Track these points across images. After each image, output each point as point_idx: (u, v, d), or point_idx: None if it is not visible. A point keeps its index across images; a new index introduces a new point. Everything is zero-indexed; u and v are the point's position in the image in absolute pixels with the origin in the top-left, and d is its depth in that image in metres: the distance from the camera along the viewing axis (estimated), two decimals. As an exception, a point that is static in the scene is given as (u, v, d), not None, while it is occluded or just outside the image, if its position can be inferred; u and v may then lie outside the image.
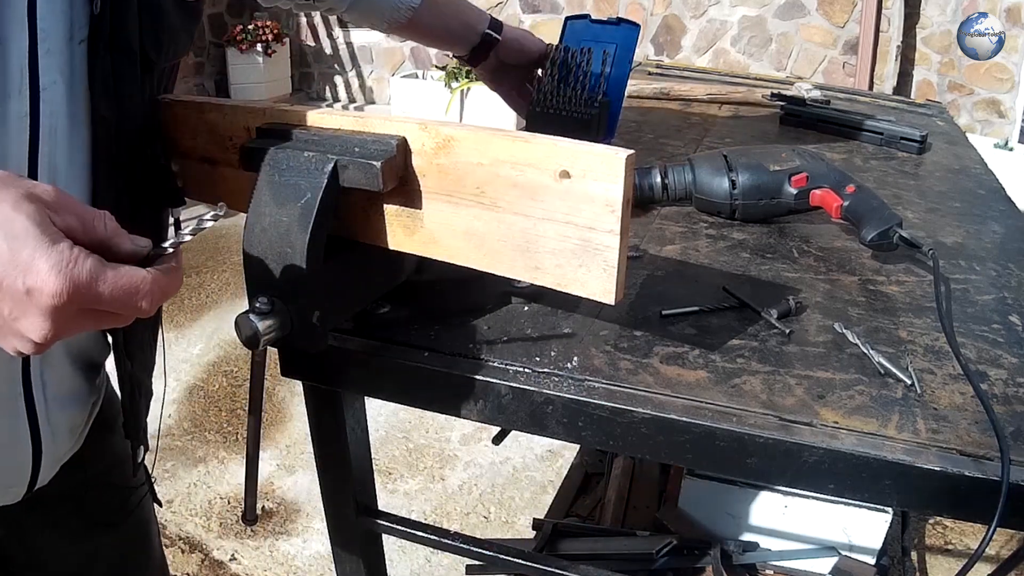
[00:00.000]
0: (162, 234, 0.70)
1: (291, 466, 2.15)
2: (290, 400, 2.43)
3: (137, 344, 0.71)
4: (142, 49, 0.59)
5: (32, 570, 0.73)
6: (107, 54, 0.56)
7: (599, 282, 0.51)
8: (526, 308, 0.68)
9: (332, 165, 0.54)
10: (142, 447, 0.78)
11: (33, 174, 0.54)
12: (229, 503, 2.02)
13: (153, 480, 0.82)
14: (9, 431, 0.61)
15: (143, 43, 0.59)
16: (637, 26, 1.05)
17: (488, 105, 4.34)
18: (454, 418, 0.75)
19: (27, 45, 0.52)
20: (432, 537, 0.76)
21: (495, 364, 0.60)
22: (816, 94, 1.39)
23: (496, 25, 1.02)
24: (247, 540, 1.90)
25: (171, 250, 0.44)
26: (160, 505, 0.84)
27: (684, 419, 0.54)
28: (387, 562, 0.86)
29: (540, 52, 1.05)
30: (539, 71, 1.06)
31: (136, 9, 0.57)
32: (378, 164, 0.53)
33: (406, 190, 0.56)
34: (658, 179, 0.88)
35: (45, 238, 0.39)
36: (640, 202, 0.89)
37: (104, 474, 0.76)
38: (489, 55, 1.01)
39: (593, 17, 1.08)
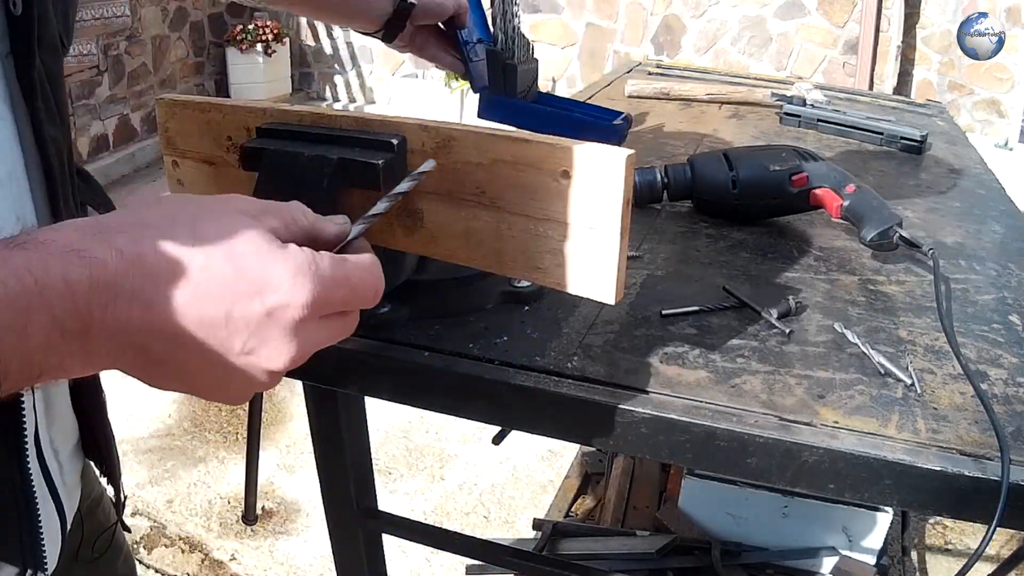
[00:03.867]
0: None
1: (291, 466, 2.15)
2: (290, 400, 2.43)
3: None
4: (60, 34, 0.50)
5: None
6: (35, 57, 0.45)
7: (599, 282, 0.51)
8: (526, 308, 0.68)
9: (332, 165, 0.54)
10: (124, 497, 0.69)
11: None
12: (229, 503, 2.02)
13: (123, 507, 0.72)
14: (42, 502, 0.52)
15: (57, 26, 0.49)
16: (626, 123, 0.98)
17: (488, 105, 4.33)
18: (454, 418, 0.75)
19: None
20: (432, 537, 0.76)
21: (495, 364, 0.60)
22: (816, 94, 1.39)
23: None
24: (247, 540, 1.90)
25: (363, 225, 0.40)
26: (128, 531, 0.73)
27: (684, 419, 0.54)
28: (387, 562, 0.86)
29: (455, 4, 0.88)
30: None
31: None
32: (378, 164, 0.53)
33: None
34: (658, 179, 0.87)
35: (273, 246, 0.33)
36: (640, 202, 0.89)
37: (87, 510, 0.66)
38: (406, 25, 0.86)
39: None
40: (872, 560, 1.17)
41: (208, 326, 0.33)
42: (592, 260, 0.51)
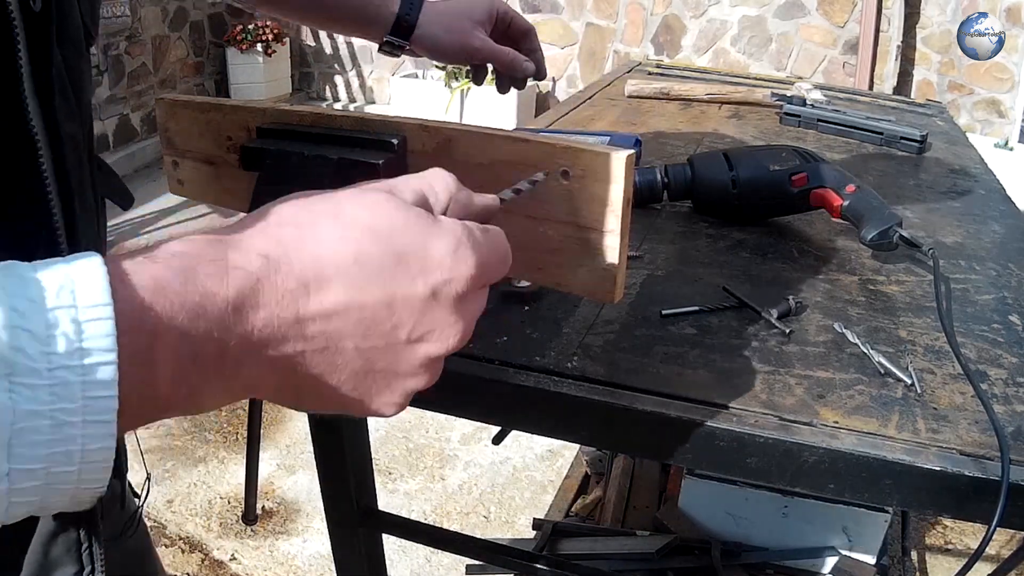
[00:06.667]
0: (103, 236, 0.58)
1: (291, 466, 2.15)
2: (290, 400, 2.43)
3: None
4: (84, 28, 0.48)
5: None
6: (56, 53, 0.43)
7: (599, 282, 0.51)
8: (526, 308, 0.68)
9: (332, 165, 0.54)
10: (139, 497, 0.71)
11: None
12: (229, 503, 2.02)
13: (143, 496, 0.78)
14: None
15: (83, 20, 0.48)
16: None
17: (488, 105, 4.34)
18: (454, 418, 0.75)
19: None
20: (432, 537, 0.76)
21: (495, 364, 0.60)
22: (816, 94, 1.39)
23: (409, 12, 0.79)
24: (247, 540, 1.90)
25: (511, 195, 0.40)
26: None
27: (684, 419, 0.54)
28: (387, 562, 0.86)
29: (467, 50, 0.82)
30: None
31: None
32: (378, 164, 0.53)
33: (406, 190, 0.56)
34: (658, 179, 0.87)
35: (426, 220, 0.30)
36: (640, 202, 0.89)
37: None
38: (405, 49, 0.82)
39: None
40: (872, 560, 1.17)
41: (370, 321, 0.30)
42: (592, 260, 0.51)
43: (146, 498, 0.73)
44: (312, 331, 0.29)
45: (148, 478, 0.74)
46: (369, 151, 0.54)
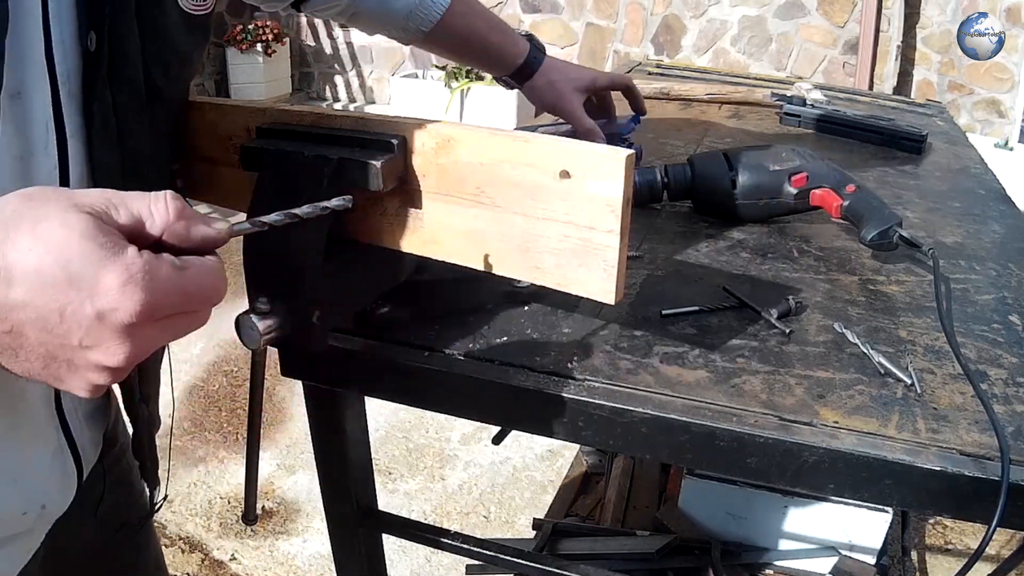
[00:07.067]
0: None
1: (291, 466, 2.15)
2: (290, 400, 2.43)
3: (151, 380, 0.70)
4: (148, 77, 0.55)
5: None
6: (105, 90, 0.52)
7: (599, 282, 0.51)
8: (526, 308, 0.68)
9: (332, 165, 0.54)
10: (157, 488, 0.77)
11: None
12: (229, 503, 2.02)
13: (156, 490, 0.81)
14: (56, 442, 0.60)
15: (148, 70, 0.55)
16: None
17: (488, 105, 4.34)
18: (454, 418, 0.75)
19: (50, 94, 0.49)
20: (432, 537, 0.76)
21: (495, 364, 0.60)
22: (816, 94, 1.39)
23: (532, 58, 0.94)
24: (247, 540, 1.90)
25: (247, 227, 0.41)
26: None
27: (684, 419, 0.54)
28: (387, 562, 0.86)
29: (579, 99, 0.96)
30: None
31: (138, 35, 0.53)
32: (378, 164, 0.53)
33: (406, 190, 0.56)
34: (658, 179, 0.87)
35: (106, 251, 0.34)
36: (640, 202, 0.89)
37: (113, 487, 0.74)
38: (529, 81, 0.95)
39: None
40: (872, 560, 1.17)
41: (46, 322, 0.35)
42: (592, 260, 0.51)
43: (159, 502, 0.79)
44: (2, 315, 0.35)
45: (160, 493, 0.79)
46: (369, 151, 0.54)
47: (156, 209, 0.38)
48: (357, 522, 0.76)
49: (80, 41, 0.50)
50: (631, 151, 0.47)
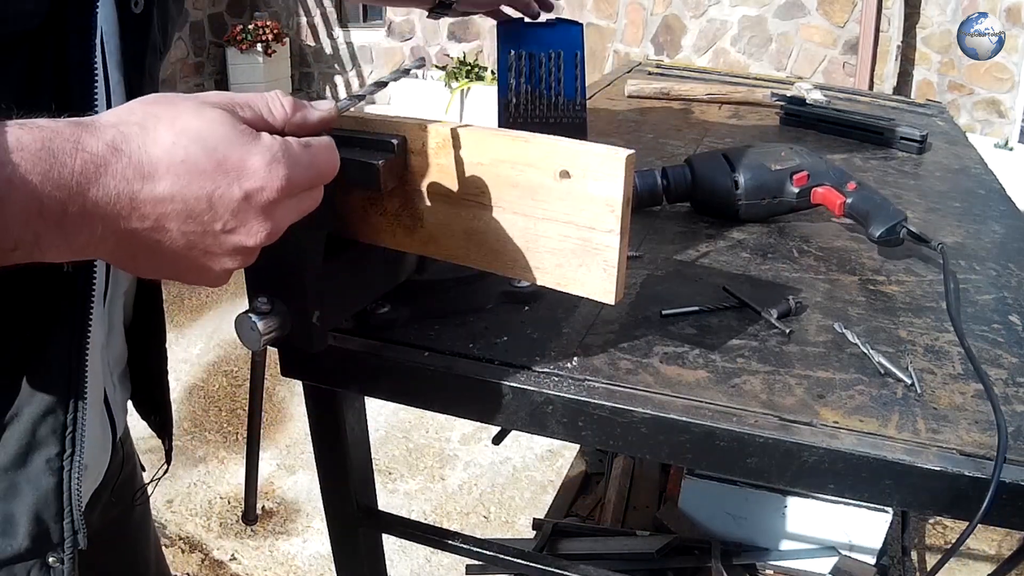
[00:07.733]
0: None
1: (291, 466, 2.15)
2: (290, 400, 2.43)
3: (162, 387, 0.71)
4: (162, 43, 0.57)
5: None
6: (147, 57, 0.53)
7: (599, 282, 0.51)
8: (526, 308, 0.68)
9: (332, 165, 0.54)
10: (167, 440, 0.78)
11: None
12: (229, 503, 2.02)
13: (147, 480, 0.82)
14: (99, 411, 0.61)
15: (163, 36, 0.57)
16: (578, 25, 1.01)
17: (488, 105, 4.34)
18: (454, 418, 0.75)
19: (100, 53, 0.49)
20: (432, 537, 0.76)
21: (495, 364, 0.60)
22: (816, 94, 1.39)
23: None
24: (247, 540, 1.90)
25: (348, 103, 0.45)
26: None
27: (684, 419, 0.54)
28: (387, 562, 0.86)
29: None
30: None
31: None
32: (378, 164, 0.53)
33: (406, 190, 0.56)
34: (658, 183, 0.87)
35: (247, 136, 0.37)
36: (640, 202, 0.89)
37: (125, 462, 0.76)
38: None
39: (527, 21, 1.01)
40: (872, 560, 1.17)
41: (192, 211, 0.36)
42: (592, 260, 0.51)
43: (153, 483, 0.80)
44: (143, 212, 0.36)
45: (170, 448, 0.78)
46: (369, 151, 0.54)
47: (274, 106, 0.41)
48: (357, 522, 0.76)
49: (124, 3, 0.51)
50: (631, 151, 0.47)
